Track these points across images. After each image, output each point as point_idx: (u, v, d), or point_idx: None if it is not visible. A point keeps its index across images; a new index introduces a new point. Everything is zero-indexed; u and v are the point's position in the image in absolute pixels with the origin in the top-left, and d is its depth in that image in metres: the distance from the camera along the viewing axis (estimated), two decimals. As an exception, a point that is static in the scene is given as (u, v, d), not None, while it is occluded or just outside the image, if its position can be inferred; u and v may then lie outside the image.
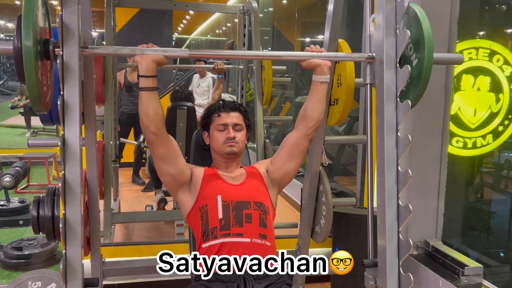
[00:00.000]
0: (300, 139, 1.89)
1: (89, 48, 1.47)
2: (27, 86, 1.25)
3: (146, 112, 1.67)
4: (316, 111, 1.85)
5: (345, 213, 2.83)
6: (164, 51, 1.63)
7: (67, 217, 1.34)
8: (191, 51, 1.64)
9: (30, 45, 1.22)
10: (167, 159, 1.78)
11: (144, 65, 1.62)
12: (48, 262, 3.48)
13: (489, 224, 3.01)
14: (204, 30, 14.99)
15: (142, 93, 1.66)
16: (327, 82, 1.81)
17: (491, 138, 2.61)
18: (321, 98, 1.84)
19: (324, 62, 1.76)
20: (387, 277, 1.46)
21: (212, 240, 1.76)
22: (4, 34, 21.75)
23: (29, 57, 1.22)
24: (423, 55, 1.49)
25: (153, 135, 1.71)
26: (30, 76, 1.23)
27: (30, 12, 1.23)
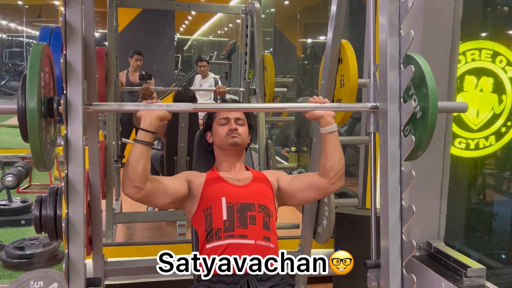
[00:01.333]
0: (324, 185, 1.84)
1: (93, 105, 1.46)
2: (31, 147, 1.26)
3: (135, 166, 1.63)
4: (333, 161, 1.79)
5: (347, 214, 2.83)
6: (168, 106, 1.64)
7: (70, 216, 1.34)
8: (195, 105, 1.63)
9: (34, 107, 1.23)
10: (157, 198, 1.76)
11: (148, 121, 1.60)
12: (50, 262, 3.47)
13: (491, 226, 3.00)
14: (206, 30, 15.00)
15: (137, 145, 1.63)
16: (335, 130, 1.77)
17: (493, 139, 2.60)
18: (335, 147, 1.78)
19: (327, 112, 1.74)
20: (390, 278, 1.45)
21: (216, 241, 1.75)
22: (6, 35, 21.79)
23: (33, 119, 1.23)
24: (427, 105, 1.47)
25: (135, 188, 1.66)
26: (33, 138, 1.24)
27: (35, 74, 1.24)
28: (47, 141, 1.34)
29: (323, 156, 1.82)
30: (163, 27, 6.75)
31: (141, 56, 5.39)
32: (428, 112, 1.47)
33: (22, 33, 20.27)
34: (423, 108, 1.50)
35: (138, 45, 5.87)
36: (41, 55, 1.29)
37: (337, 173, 1.80)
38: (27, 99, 1.22)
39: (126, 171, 1.65)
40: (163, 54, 6.91)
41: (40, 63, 1.26)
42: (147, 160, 1.66)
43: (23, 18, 17.94)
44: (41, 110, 1.27)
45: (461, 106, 1.69)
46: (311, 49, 7.29)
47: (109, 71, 3.21)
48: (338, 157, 1.79)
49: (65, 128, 1.36)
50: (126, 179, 1.65)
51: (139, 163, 1.63)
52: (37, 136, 1.24)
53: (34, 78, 1.24)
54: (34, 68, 1.25)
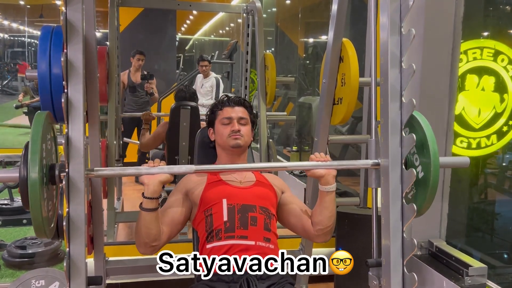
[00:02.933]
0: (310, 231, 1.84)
1: (94, 171, 1.45)
2: (32, 214, 1.27)
3: (147, 232, 1.65)
4: (323, 218, 1.79)
5: (348, 213, 2.83)
6: (170, 168, 1.60)
7: (71, 215, 1.34)
8: (197, 167, 1.60)
9: (36, 177, 1.24)
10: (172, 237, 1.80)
11: (151, 188, 1.59)
12: (52, 261, 3.48)
13: (493, 225, 2.99)
14: (207, 30, 14.99)
15: (145, 214, 1.64)
16: (333, 191, 1.77)
17: (495, 139, 2.60)
18: (328, 206, 1.78)
19: (328, 171, 1.73)
20: (391, 277, 1.45)
21: (216, 241, 1.75)
22: (8, 34, 21.82)
23: (34, 188, 1.24)
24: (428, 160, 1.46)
25: (152, 247, 1.70)
26: (35, 206, 1.25)
27: (37, 145, 1.26)
28: (48, 209, 1.36)
29: (315, 208, 1.83)
30: (164, 27, 6.76)
31: (143, 56, 5.39)
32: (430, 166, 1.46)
33: (24, 33, 20.31)
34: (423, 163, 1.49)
35: (140, 45, 5.87)
36: (43, 125, 1.31)
37: (323, 229, 1.81)
38: (29, 171, 1.24)
39: (140, 237, 1.66)
40: (164, 53, 6.91)
41: (42, 134, 1.28)
42: (158, 222, 1.68)
43: (25, 18, 17.97)
44: (43, 180, 1.29)
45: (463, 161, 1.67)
46: (313, 48, 7.29)
47: (110, 70, 3.22)
48: (328, 216, 1.79)
49: (66, 127, 1.36)
50: (141, 243, 1.68)
51: (151, 229, 1.66)
52: (39, 207, 1.25)
53: (36, 149, 1.25)
54: (36, 138, 1.27)
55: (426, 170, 1.47)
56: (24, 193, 1.25)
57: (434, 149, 1.45)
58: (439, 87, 2.42)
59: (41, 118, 1.32)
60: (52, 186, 1.40)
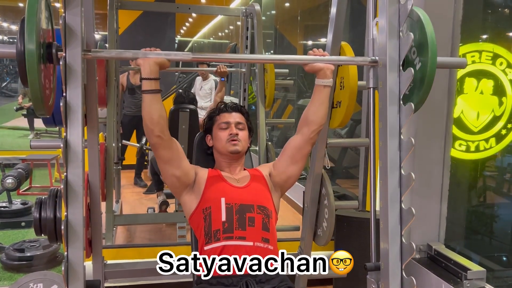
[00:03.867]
0: (303, 143, 1.89)
1: (92, 52, 1.47)
2: (30, 90, 1.25)
3: (150, 115, 1.67)
4: (318, 115, 1.84)
5: (347, 216, 2.83)
6: (167, 54, 1.63)
7: (69, 218, 1.34)
8: (194, 55, 1.64)
9: (33, 49, 1.22)
10: (171, 161, 1.78)
11: (147, 67, 1.62)
12: (50, 264, 3.48)
13: (492, 228, 2.99)
14: (206, 32, 15.02)
15: (146, 95, 1.66)
16: (329, 85, 1.80)
17: (494, 142, 2.60)
18: (324, 101, 1.83)
19: (326, 65, 1.75)
20: (390, 281, 1.45)
21: (214, 242, 1.75)
22: (7, 37, 21.81)
23: (32, 61, 1.22)
24: (426, 59, 1.48)
25: (157, 138, 1.71)
26: (33, 80, 1.23)
27: (33, 15, 1.23)
28: (46, 85, 1.34)
29: (308, 107, 1.86)
30: (163, 29, 6.76)
31: (141, 58, 5.38)
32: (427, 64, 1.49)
33: (23, 35, 20.28)
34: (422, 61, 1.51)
35: (139, 47, 5.81)
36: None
37: (316, 128, 1.86)
38: (26, 42, 1.21)
39: (145, 124, 1.69)
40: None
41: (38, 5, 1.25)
42: (161, 106, 1.69)
43: (24, 20, 17.95)
44: (40, 53, 1.27)
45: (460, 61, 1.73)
46: (312, 51, 7.28)
47: (109, 73, 3.22)
48: (323, 112, 1.85)
49: (64, 130, 1.36)
50: (148, 130, 1.70)
51: (153, 111, 1.66)
52: (36, 78, 1.24)
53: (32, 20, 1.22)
54: (32, 10, 1.23)
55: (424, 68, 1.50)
56: (22, 65, 1.23)
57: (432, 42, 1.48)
58: (438, 90, 2.42)
59: None
60: (50, 64, 1.38)
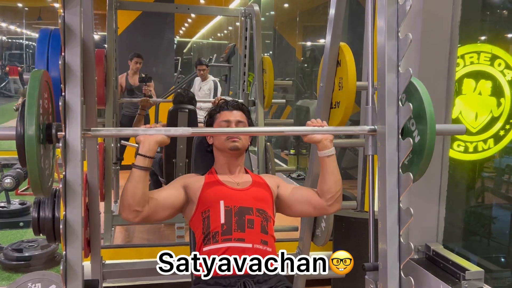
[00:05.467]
0: (322, 205, 1.84)
1: (91, 131, 1.46)
2: (29, 173, 1.26)
3: (133, 191, 1.63)
4: (330, 184, 1.79)
5: (346, 216, 2.83)
6: (167, 130, 1.62)
7: (68, 218, 1.34)
8: (194, 130, 1.61)
9: (33, 135, 1.23)
10: (157, 215, 1.76)
11: (147, 146, 1.61)
12: (48, 264, 3.48)
13: (490, 229, 3.00)
14: (205, 33, 15.02)
15: (136, 171, 1.63)
16: (333, 154, 1.77)
17: (492, 143, 2.60)
18: (332, 171, 1.78)
19: (325, 136, 1.74)
20: (388, 281, 1.45)
21: (213, 244, 1.75)
22: (6, 37, 21.80)
23: (31, 146, 1.23)
24: (425, 128, 1.47)
25: (135, 212, 1.66)
26: (32, 164, 1.24)
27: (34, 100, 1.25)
28: (45, 167, 1.35)
29: (320, 178, 1.83)
30: (162, 30, 6.76)
31: (140, 59, 5.40)
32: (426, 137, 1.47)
33: (22, 35, 20.31)
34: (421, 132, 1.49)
35: (138, 48, 5.87)
36: (40, 82, 1.29)
37: (333, 196, 1.81)
38: (26, 126, 1.23)
39: (125, 196, 1.64)
40: (162, 56, 6.92)
41: (39, 90, 1.27)
42: (146, 184, 1.67)
43: (23, 20, 17.98)
44: (40, 136, 1.28)
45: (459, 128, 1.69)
46: (311, 52, 7.31)
47: (108, 73, 3.22)
48: (335, 180, 1.79)
49: (63, 130, 1.36)
50: (125, 204, 1.65)
51: (138, 188, 1.64)
52: (36, 163, 1.25)
53: (33, 105, 1.24)
54: (33, 96, 1.25)
55: (423, 136, 1.48)
56: (21, 149, 1.24)
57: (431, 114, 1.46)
58: (436, 91, 2.42)
59: (38, 75, 1.30)
60: (49, 145, 1.39)
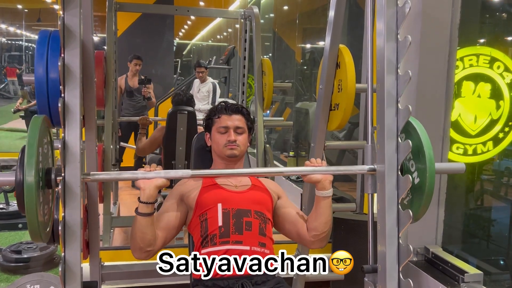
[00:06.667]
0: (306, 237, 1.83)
1: (91, 175, 1.47)
2: (28, 221, 1.27)
3: (143, 236, 1.65)
4: (319, 224, 1.78)
5: (345, 218, 2.83)
6: (166, 173, 1.59)
7: (67, 219, 1.34)
8: (193, 172, 1.60)
9: (32, 181, 1.24)
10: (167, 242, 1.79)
11: (147, 192, 1.59)
12: (47, 266, 3.47)
13: (489, 231, 3.00)
14: (205, 35, 15.03)
15: (140, 218, 1.63)
16: (329, 196, 1.76)
17: (491, 145, 2.61)
18: (324, 212, 1.77)
19: (324, 177, 1.72)
20: (387, 283, 1.45)
21: (211, 246, 1.75)
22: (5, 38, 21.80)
23: (30, 192, 1.24)
24: (424, 167, 1.46)
25: (147, 252, 1.69)
26: (31, 212, 1.25)
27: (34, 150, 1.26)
28: (44, 213, 1.36)
29: (311, 214, 1.82)
30: (162, 32, 6.77)
31: (140, 61, 5.40)
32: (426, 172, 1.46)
33: (22, 36, 20.30)
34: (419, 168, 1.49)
35: (137, 50, 5.88)
36: (40, 129, 1.31)
37: (318, 235, 1.79)
38: (25, 175, 1.24)
39: (134, 241, 1.66)
40: (162, 58, 6.92)
41: (38, 138, 1.29)
42: (153, 227, 1.68)
43: (22, 21, 17.97)
44: (39, 183, 1.29)
45: (459, 167, 1.68)
46: (310, 54, 7.31)
47: (107, 75, 3.21)
48: (324, 222, 1.78)
49: (62, 131, 1.36)
50: (136, 248, 1.67)
51: (146, 233, 1.65)
52: (35, 210, 1.25)
53: (32, 156, 1.26)
54: (33, 145, 1.27)
55: (422, 176, 1.47)
56: (20, 197, 1.25)
57: (430, 155, 1.46)
58: (435, 94, 2.42)
59: (38, 122, 1.33)
60: (48, 190, 1.40)
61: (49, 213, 1.43)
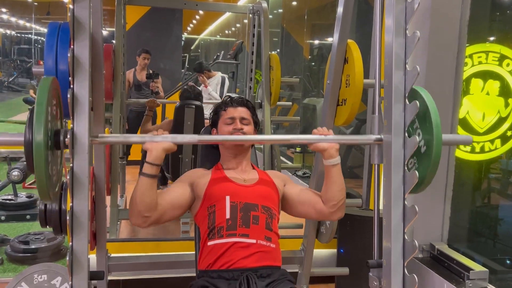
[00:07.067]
0: (324, 211, 1.84)
1: (99, 137, 1.47)
2: (36, 179, 1.27)
3: (142, 198, 1.65)
4: (334, 192, 1.79)
5: (350, 214, 2.83)
6: (173, 138, 1.61)
7: (75, 209, 1.35)
8: (200, 137, 1.63)
9: (41, 141, 1.24)
10: (165, 217, 1.78)
11: (154, 154, 1.61)
12: (54, 257, 3.50)
13: (496, 230, 2.99)
14: (213, 30, 15.02)
15: (144, 179, 1.65)
16: (338, 163, 1.77)
17: (499, 143, 2.60)
18: (336, 180, 1.79)
19: (331, 145, 1.74)
20: (392, 278, 1.45)
21: (218, 238, 1.76)
22: (15, 31, 21.92)
23: (39, 152, 1.24)
24: (431, 138, 1.46)
25: (144, 218, 1.68)
26: (39, 171, 1.25)
27: (43, 109, 1.26)
28: (53, 173, 1.36)
29: (324, 185, 1.83)
30: (170, 26, 6.77)
31: (148, 55, 5.41)
32: (432, 147, 1.46)
33: (31, 30, 20.40)
34: (427, 142, 1.49)
35: (146, 44, 5.89)
36: (49, 90, 1.31)
37: (336, 204, 1.81)
38: (34, 133, 1.24)
39: (134, 203, 1.66)
40: (170, 53, 6.93)
41: (47, 98, 1.28)
42: (154, 191, 1.68)
43: (32, 15, 18.06)
44: (48, 143, 1.29)
45: (466, 139, 1.67)
46: (318, 50, 7.30)
47: (116, 68, 3.24)
48: (338, 189, 1.79)
49: (71, 122, 1.37)
50: (134, 210, 1.67)
51: (147, 196, 1.65)
52: (43, 170, 1.26)
53: (41, 113, 1.25)
54: (42, 103, 1.26)
55: (429, 145, 1.47)
56: (29, 155, 1.25)
57: (436, 122, 1.46)
58: (443, 91, 2.42)
59: (47, 83, 1.32)
60: (57, 151, 1.40)
61: (57, 174, 1.43)
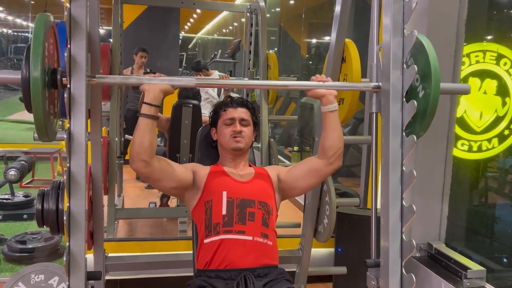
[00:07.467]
0: (323, 166, 1.86)
1: (96, 78, 1.47)
2: (34, 117, 1.26)
3: (141, 140, 1.65)
4: (333, 140, 1.81)
5: (348, 213, 2.83)
6: (171, 80, 1.63)
7: (72, 209, 1.34)
8: (198, 80, 1.66)
9: (38, 77, 1.23)
10: (163, 179, 1.77)
11: (151, 94, 1.62)
12: (51, 257, 3.49)
13: (493, 228, 2.99)
14: (211, 29, 15.02)
15: (142, 119, 1.65)
16: (336, 110, 1.79)
17: (496, 142, 2.60)
18: (335, 126, 1.80)
19: (329, 91, 1.75)
20: (390, 277, 1.46)
21: (214, 236, 1.77)
22: (12, 30, 21.85)
23: (36, 88, 1.23)
24: (430, 86, 1.47)
25: (142, 162, 1.68)
26: (37, 107, 1.25)
27: (39, 43, 1.24)
28: (50, 111, 1.35)
29: (322, 135, 1.84)
30: (168, 25, 6.76)
31: (145, 53, 5.40)
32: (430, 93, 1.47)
33: (28, 28, 20.34)
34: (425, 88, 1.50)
35: (143, 42, 5.88)
36: (46, 25, 1.28)
37: (335, 152, 1.82)
38: (31, 69, 1.23)
39: (133, 146, 1.67)
40: (167, 51, 6.92)
41: (44, 33, 1.26)
42: (153, 134, 1.68)
43: (29, 13, 18.01)
44: (45, 80, 1.28)
45: (464, 88, 1.70)
46: (316, 49, 7.29)
47: (113, 67, 3.22)
48: (337, 136, 1.81)
49: (68, 122, 1.36)
50: (134, 153, 1.67)
51: (145, 137, 1.65)
52: (40, 105, 1.24)
53: (38, 47, 1.23)
54: (38, 37, 1.24)
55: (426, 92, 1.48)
56: (26, 92, 1.24)
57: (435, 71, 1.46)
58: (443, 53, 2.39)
59: (43, 18, 1.30)
60: (54, 90, 1.39)
61: (54, 113, 1.42)
